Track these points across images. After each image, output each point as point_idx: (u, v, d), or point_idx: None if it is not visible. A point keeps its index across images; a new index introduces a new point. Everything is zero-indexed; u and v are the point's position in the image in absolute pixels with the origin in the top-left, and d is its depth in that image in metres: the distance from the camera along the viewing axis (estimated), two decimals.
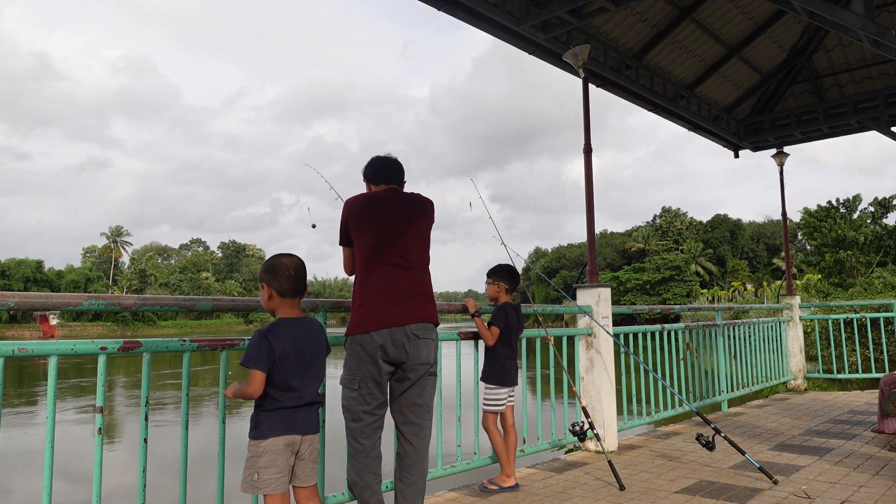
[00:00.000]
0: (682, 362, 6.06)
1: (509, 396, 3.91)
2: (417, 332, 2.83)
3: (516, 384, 3.94)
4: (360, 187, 3.28)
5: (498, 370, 3.87)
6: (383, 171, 3.09)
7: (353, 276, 2.97)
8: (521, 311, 4.05)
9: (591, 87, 5.77)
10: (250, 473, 2.33)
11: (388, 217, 2.90)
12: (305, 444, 2.41)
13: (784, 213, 8.99)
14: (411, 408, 2.87)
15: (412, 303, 2.86)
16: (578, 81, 5.48)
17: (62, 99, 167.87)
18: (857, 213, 32.78)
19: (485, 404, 3.88)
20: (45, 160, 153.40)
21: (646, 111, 7.84)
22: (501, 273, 4.02)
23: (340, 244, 3.04)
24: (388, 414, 2.95)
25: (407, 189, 3.14)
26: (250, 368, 2.32)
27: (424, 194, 3.09)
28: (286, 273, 2.44)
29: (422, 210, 3.02)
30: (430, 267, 3.07)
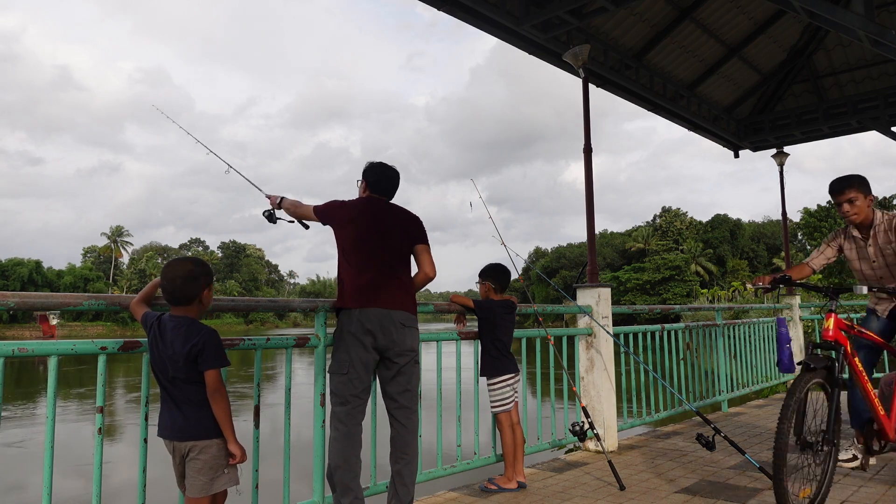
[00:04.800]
0: (682, 362, 6.06)
1: (514, 392, 3.92)
2: (403, 321, 3.06)
3: (516, 371, 3.93)
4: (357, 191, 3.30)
5: (492, 361, 3.89)
6: (386, 182, 3.29)
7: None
8: (512, 308, 4.02)
9: (591, 87, 5.77)
10: None
11: (381, 235, 3.12)
12: (183, 450, 2.30)
13: (784, 213, 9.00)
14: (402, 394, 3.10)
15: (397, 292, 3.10)
16: (574, 88, 5.49)
17: (78, 108, 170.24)
18: None
19: (492, 406, 3.89)
20: (58, 165, 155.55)
21: (642, 117, 7.87)
22: (488, 273, 4.05)
23: (315, 207, 3.22)
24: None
25: (408, 191, 3.23)
26: None
27: (425, 197, 3.23)
28: (164, 285, 2.39)
29: (408, 229, 3.24)
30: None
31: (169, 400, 2.33)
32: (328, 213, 3.19)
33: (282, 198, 3.35)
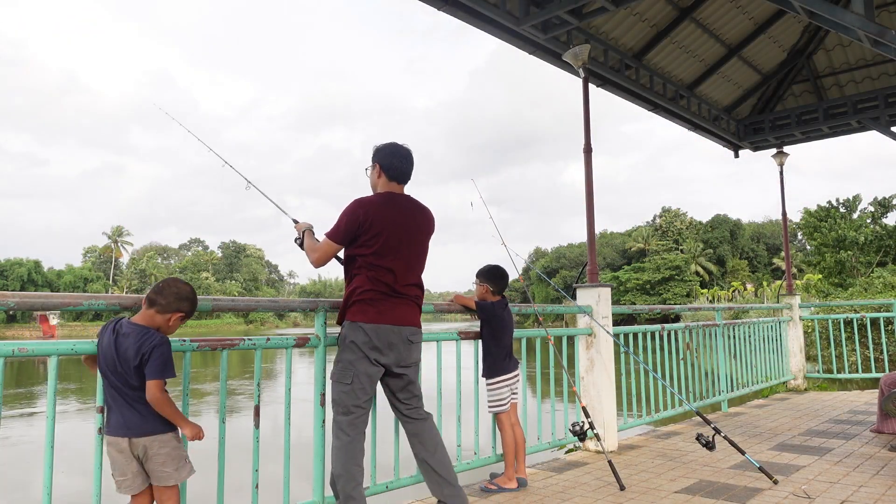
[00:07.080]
0: (682, 362, 6.06)
1: (512, 394, 3.92)
2: (411, 337, 3.06)
3: (515, 371, 3.94)
4: (359, 191, 3.28)
5: (492, 362, 3.91)
6: (403, 166, 3.11)
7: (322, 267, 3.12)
8: (507, 304, 4.03)
9: (591, 87, 5.76)
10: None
11: (406, 238, 3.02)
12: (139, 448, 2.31)
13: (784, 213, 9.00)
14: (411, 399, 3.14)
15: (410, 306, 3.07)
16: (571, 92, 5.49)
17: (83, 110, 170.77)
18: (857, 213, 32.77)
19: (489, 406, 3.90)
20: (62, 166, 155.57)
21: (639, 119, 7.87)
22: (485, 275, 4.02)
23: (332, 237, 2.96)
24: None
25: (409, 192, 3.20)
26: None
27: (426, 198, 3.23)
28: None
29: (429, 228, 3.20)
30: (431, 268, 3.26)
31: (119, 399, 2.33)
32: (351, 236, 2.94)
33: (303, 236, 3.14)
